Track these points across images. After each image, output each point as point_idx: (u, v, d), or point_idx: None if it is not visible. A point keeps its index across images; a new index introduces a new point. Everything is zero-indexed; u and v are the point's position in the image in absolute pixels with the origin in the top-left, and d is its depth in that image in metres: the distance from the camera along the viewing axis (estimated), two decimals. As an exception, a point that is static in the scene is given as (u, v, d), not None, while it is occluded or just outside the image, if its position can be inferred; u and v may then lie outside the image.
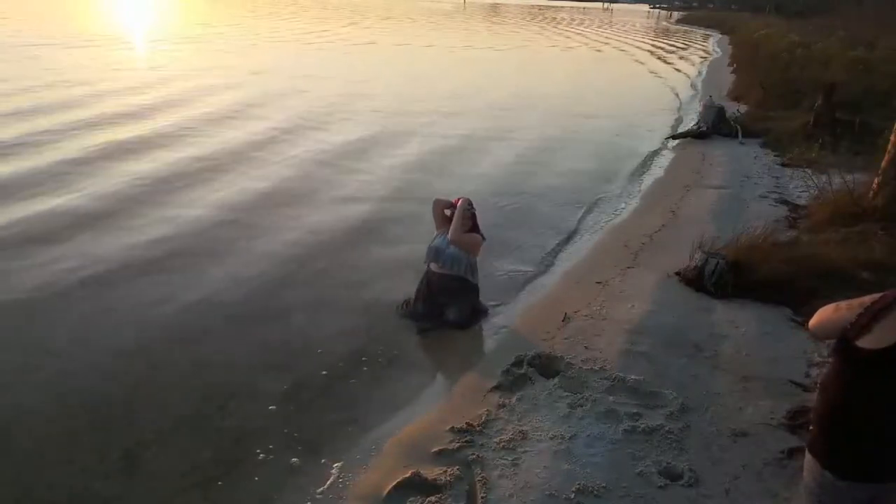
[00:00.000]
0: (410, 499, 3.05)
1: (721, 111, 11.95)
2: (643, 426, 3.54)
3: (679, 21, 70.31)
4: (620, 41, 39.66)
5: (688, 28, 56.90)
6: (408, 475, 3.18)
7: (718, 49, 33.03)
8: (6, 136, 9.74)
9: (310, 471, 3.37)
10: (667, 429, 3.53)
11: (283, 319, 4.94)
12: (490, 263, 5.76)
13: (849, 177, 7.11)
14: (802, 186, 8.23)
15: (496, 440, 3.44)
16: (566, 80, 20.85)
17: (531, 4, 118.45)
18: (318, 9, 58.17)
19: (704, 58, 29.33)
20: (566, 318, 4.84)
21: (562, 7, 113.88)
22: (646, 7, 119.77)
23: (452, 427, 3.54)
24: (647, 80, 21.54)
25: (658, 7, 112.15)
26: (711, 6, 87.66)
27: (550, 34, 43.81)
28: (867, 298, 1.96)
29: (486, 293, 5.17)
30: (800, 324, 4.67)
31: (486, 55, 27.67)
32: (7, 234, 6.25)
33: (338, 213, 7.38)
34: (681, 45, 36.85)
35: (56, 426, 3.66)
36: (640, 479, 3.16)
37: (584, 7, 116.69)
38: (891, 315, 1.88)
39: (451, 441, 3.43)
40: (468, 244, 4.80)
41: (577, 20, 68.34)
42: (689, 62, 27.24)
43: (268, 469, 3.39)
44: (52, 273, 5.48)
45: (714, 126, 11.61)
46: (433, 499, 3.03)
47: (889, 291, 1.93)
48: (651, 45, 36.54)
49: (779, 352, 4.41)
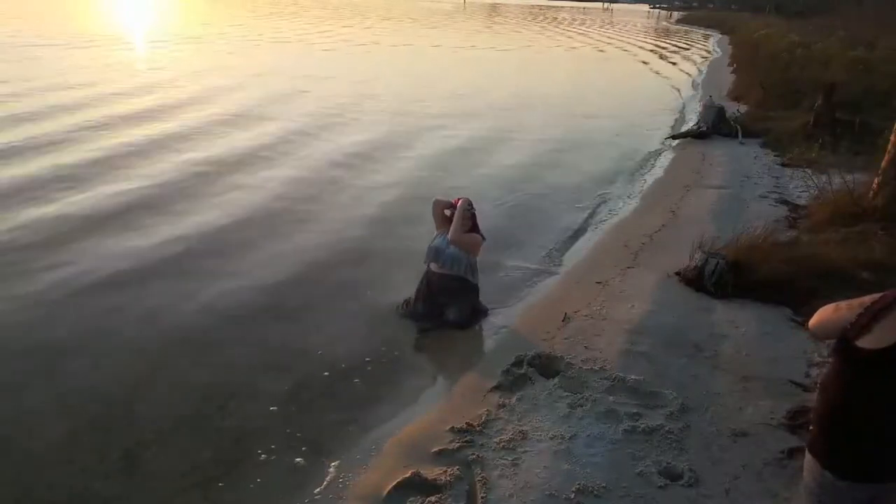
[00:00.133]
0: (410, 499, 3.05)
1: (721, 111, 11.95)
2: (643, 426, 3.54)
3: (679, 21, 70.34)
4: (623, 41, 39.75)
5: (688, 28, 56.92)
6: (408, 475, 3.18)
7: (718, 49, 33.03)
8: (9, 140, 9.69)
9: (310, 471, 3.37)
10: (667, 429, 3.53)
11: (284, 320, 4.95)
12: (490, 263, 5.75)
13: (849, 177, 7.11)
14: (802, 186, 8.23)
15: (496, 440, 3.44)
16: (569, 81, 20.84)
17: (531, 4, 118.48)
18: (319, 9, 58.19)
19: (705, 57, 29.36)
20: (566, 318, 4.84)
21: (562, 7, 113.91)
22: (646, 7, 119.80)
23: (452, 427, 3.54)
24: (649, 80, 21.55)
25: (658, 7, 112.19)
26: (711, 6, 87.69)
27: (553, 34, 43.85)
28: (867, 298, 1.96)
29: (486, 293, 5.17)
30: (800, 324, 4.67)
31: (491, 55, 27.68)
32: (11, 238, 6.22)
33: (338, 215, 7.39)
34: (683, 46, 36.89)
35: (56, 426, 3.66)
36: (640, 479, 3.16)
37: (584, 7, 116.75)
38: (891, 315, 1.87)
39: (451, 441, 3.43)
40: (468, 244, 4.80)
41: (579, 20, 68.41)
42: (691, 62, 27.27)
43: (268, 469, 3.39)
44: (54, 276, 5.47)
45: (714, 126, 11.61)
46: (433, 499, 3.03)
47: (889, 291, 1.93)
48: (653, 45, 36.61)
49: (779, 352, 4.41)
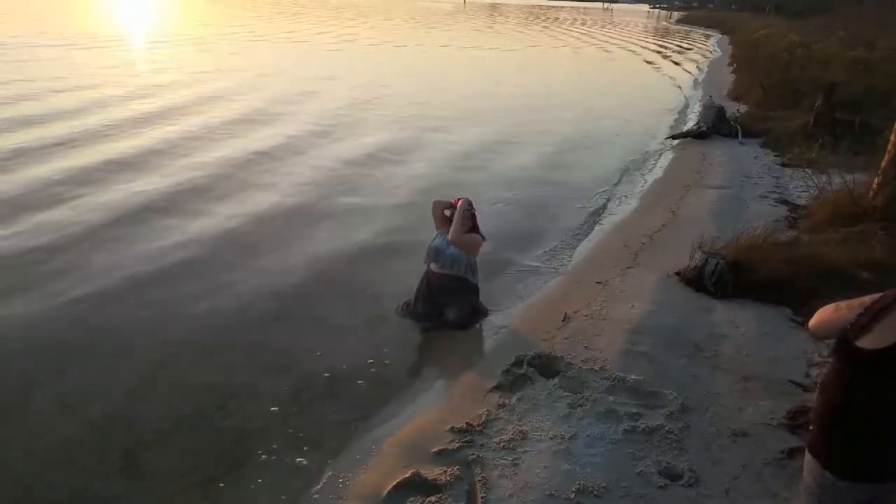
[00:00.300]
0: (410, 499, 3.05)
1: (721, 111, 11.95)
2: (643, 426, 3.54)
3: (679, 21, 70.40)
4: (626, 41, 39.84)
5: (688, 28, 56.95)
6: (408, 475, 3.17)
7: (718, 49, 33.04)
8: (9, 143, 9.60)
9: (310, 471, 3.37)
10: (667, 429, 3.53)
11: (284, 320, 4.95)
12: (490, 263, 5.75)
13: (849, 177, 7.10)
14: (802, 186, 8.22)
15: (496, 440, 3.44)
16: (573, 81, 20.89)
17: (531, 4, 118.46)
18: (320, 9, 58.14)
19: (707, 57, 29.38)
20: (566, 318, 4.84)
21: (562, 7, 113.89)
22: (646, 7, 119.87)
23: (452, 427, 3.53)
24: (652, 80, 21.58)
25: (658, 7, 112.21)
26: (711, 6, 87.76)
27: (556, 34, 43.92)
28: (867, 298, 1.96)
29: (486, 293, 5.16)
30: (800, 324, 4.66)
31: (498, 56, 27.71)
32: (14, 241, 6.18)
33: (338, 215, 7.38)
34: (686, 46, 36.93)
35: (56, 426, 3.66)
36: (640, 479, 3.16)
37: (584, 7, 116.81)
38: (891, 315, 1.88)
39: (451, 441, 3.43)
40: (468, 244, 4.80)
41: (580, 20, 68.47)
42: (693, 62, 27.27)
43: (268, 469, 3.39)
44: (56, 278, 5.46)
45: (714, 126, 11.61)
46: (433, 499, 3.03)
47: (889, 291, 1.93)
48: (656, 46, 36.66)
49: (779, 352, 4.41)
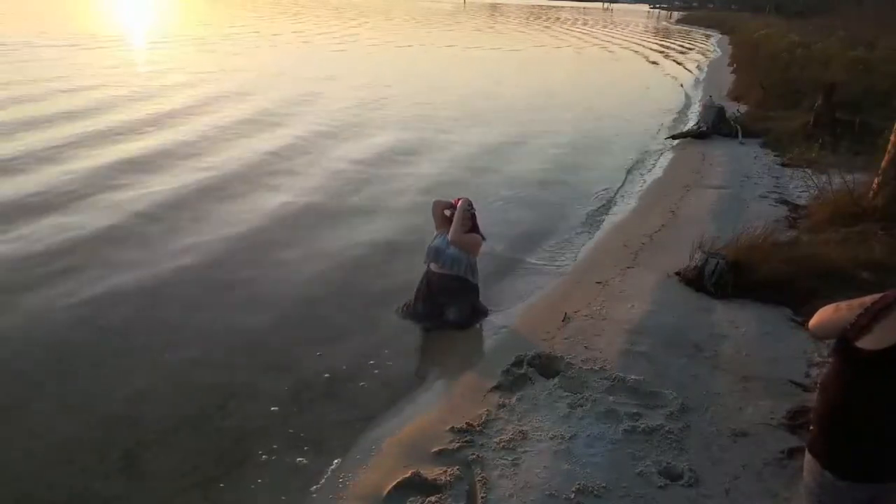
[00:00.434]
0: (410, 499, 3.05)
1: (721, 111, 11.95)
2: (643, 426, 3.54)
3: (679, 21, 70.41)
4: (628, 41, 39.91)
5: (688, 28, 56.94)
6: (408, 475, 3.17)
7: (718, 49, 33.04)
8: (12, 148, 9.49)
9: (310, 471, 3.37)
10: (667, 429, 3.53)
11: (284, 321, 4.94)
12: (490, 263, 5.75)
13: (849, 177, 7.10)
14: (802, 186, 8.22)
15: (496, 440, 3.44)
16: (576, 81, 20.91)
17: (531, 4, 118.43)
18: (321, 9, 58.11)
19: (707, 57, 29.38)
20: (566, 318, 4.84)
21: (562, 7, 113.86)
22: (645, 7, 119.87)
23: (452, 427, 3.53)
24: (653, 80, 21.54)
25: (658, 7, 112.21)
26: (711, 6, 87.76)
27: (558, 34, 43.92)
28: (867, 299, 1.96)
29: (486, 293, 5.16)
30: (800, 324, 4.66)
31: (502, 56, 27.71)
32: (18, 245, 6.16)
33: (340, 216, 7.39)
34: (688, 46, 36.92)
35: (57, 426, 3.66)
36: (640, 479, 3.16)
37: (584, 7, 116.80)
38: (891, 316, 1.88)
39: (451, 441, 3.43)
40: (468, 244, 4.80)
41: (581, 20, 68.50)
42: (694, 62, 27.27)
43: (268, 469, 3.39)
44: (59, 280, 5.46)
45: (714, 126, 11.61)
46: (433, 499, 3.03)
47: (889, 292, 1.93)
48: (658, 46, 36.67)
49: (779, 352, 4.41)
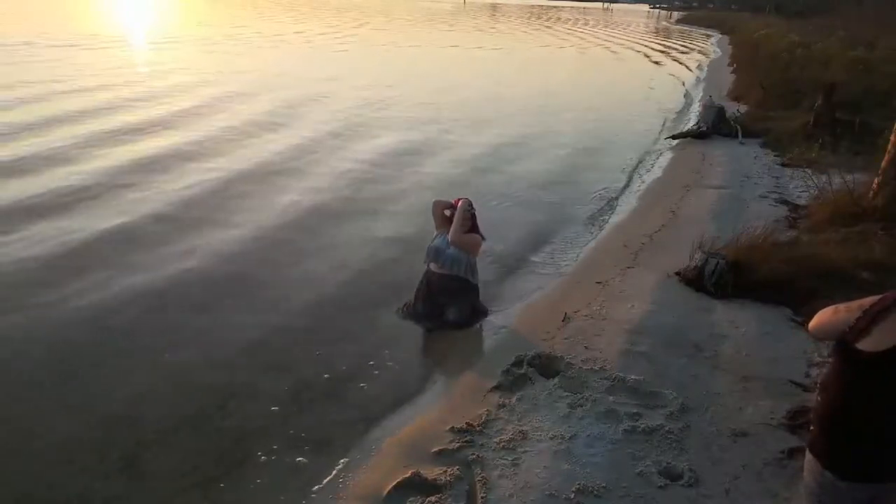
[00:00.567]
0: (410, 499, 3.05)
1: (721, 111, 11.95)
2: (643, 426, 3.55)
3: (679, 21, 70.42)
4: (630, 41, 39.96)
5: (688, 28, 56.95)
6: (408, 475, 3.18)
7: (718, 49, 33.04)
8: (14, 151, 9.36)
9: (310, 471, 3.38)
10: (667, 429, 3.53)
11: (284, 321, 4.95)
12: (490, 263, 5.76)
13: (849, 177, 7.10)
14: (802, 186, 8.23)
15: (496, 440, 3.44)
16: (577, 81, 20.92)
17: (531, 4, 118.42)
18: (321, 9, 58.10)
19: (707, 57, 29.39)
20: (566, 318, 4.84)
21: (562, 7, 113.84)
22: (645, 7, 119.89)
23: (452, 427, 3.54)
24: (655, 80, 21.53)
25: (658, 7, 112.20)
26: (711, 6, 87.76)
27: (561, 34, 43.89)
28: (866, 301, 1.96)
29: (486, 293, 5.15)
30: (800, 324, 4.67)
31: (505, 57, 27.71)
32: (17, 248, 6.11)
33: (343, 216, 7.39)
34: (690, 46, 36.92)
35: (57, 426, 3.66)
36: (640, 479, 3.17)
37: (584, 7, 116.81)
38: (890, 318, 1.88)
39: (451, 441, 3.43)
40: (468, 244, 4.79)
41: (582, 20, 68.55)
42: (694, 62, 27.28)
43: (268, 469, 3.40)
44: (58, 283, 5.46)
45: (714, 126, 11.61)
46: (433, 499, 3.03)
47: (888, 294, 1.93)
48: (660, 45, 36.70)
49: (779, 352, 4.41)
